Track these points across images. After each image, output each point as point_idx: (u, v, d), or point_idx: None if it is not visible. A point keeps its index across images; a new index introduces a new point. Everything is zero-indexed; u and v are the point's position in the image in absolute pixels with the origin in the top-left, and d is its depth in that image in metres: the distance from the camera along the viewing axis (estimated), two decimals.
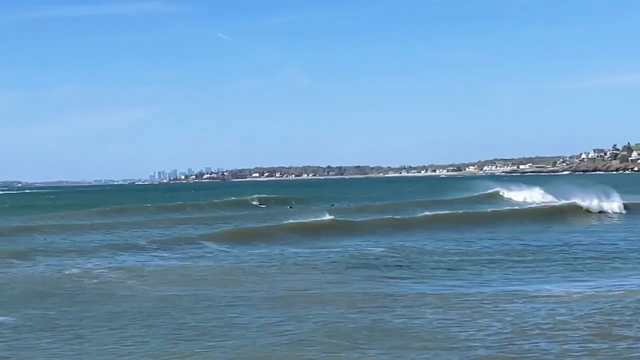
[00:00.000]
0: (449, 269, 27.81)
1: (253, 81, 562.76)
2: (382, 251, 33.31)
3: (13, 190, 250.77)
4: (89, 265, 28.87)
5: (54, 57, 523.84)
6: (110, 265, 29.27)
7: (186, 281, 25.34)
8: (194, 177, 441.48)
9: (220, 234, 41.55)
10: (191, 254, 33.92)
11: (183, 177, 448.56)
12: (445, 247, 34.99)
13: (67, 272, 27.09)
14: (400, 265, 28.73)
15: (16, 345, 16.47)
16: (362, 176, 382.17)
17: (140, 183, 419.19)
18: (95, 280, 25.45)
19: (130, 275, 26.45)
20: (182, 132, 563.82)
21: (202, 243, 37.54)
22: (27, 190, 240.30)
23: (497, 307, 19.30)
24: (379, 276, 26.06)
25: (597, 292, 21.17)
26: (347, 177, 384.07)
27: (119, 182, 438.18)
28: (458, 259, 30.64)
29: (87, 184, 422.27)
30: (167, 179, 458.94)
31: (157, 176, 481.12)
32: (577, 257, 30.06)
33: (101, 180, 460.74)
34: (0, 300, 21.94)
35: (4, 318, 19.08)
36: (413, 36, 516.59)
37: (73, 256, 32.53)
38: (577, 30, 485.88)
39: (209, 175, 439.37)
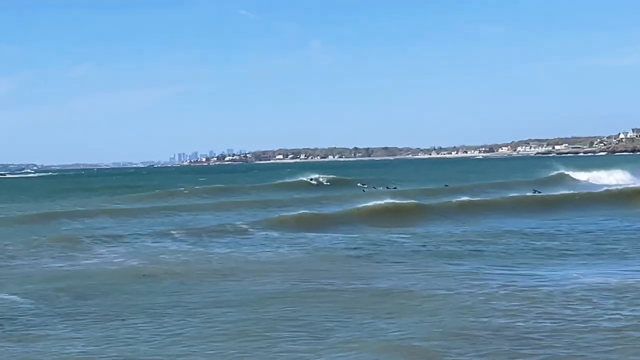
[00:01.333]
0: None
1: (276, 59, 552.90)
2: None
3: (32, 173, 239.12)
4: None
5: (68, 36, 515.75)
6: (224, 250, 27.56)
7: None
8: (215, 159, 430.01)
9: (310, 217, 37.72)
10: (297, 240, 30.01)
11: (204, 159, 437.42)
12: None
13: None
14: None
15: None
16: (392, 157, 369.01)
17: (159, 166, 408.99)
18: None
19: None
20: (203, 113, 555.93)
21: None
22: (49, 173, 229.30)
23: None
24: None
25: None
26: (376, 158, 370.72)
27: (138, 165, 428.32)
28: None
29: (104, 166, 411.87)
30: (188, 161, 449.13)
31: (177, 158, 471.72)
32: None
33: (119, 163, 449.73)
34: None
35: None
36: (444, 10, 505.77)
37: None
38: (615, 3, 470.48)
39: (231, 157, 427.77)
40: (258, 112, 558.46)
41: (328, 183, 71.90)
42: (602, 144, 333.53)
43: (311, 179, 73.51)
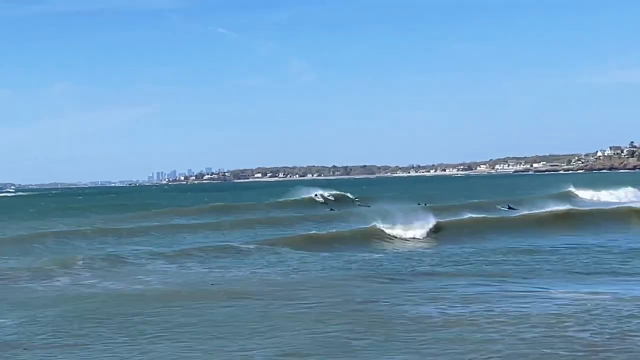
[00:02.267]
0: None
1: (256, 78, 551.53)
2: None
3: (12, 192, 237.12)
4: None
5: (47, 55, 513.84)
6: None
7: None
8: (193, 177, 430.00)
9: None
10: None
11: (183, 177, 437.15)
12: None
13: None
14: None
15: None
16: (373, 176, 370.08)
17: (138, 185, 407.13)
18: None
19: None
20: (181, 132, 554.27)
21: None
22: (27, 192, 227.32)
23: None
24: None
25: None
26: (355, 177, 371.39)
27: (116, 184, 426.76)
28: None
29: (83, 185, 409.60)
30: (166, 179, 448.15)
31: (155, 177, 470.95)
32: None
33: (97, 182, 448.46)
34: None
35: None
36: (422, 30, 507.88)
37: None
38: (594, 24, 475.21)
39: (209, 176, 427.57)
40: (236, 130, 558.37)
41: (332, 198, 72.36)
42: (580, 162, 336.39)
43: (316, 195, 73.45)
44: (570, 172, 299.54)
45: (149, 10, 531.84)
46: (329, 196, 72.91)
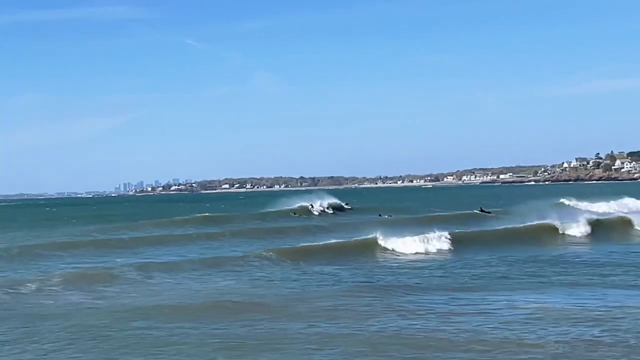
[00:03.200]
0: None
1: (223, 89, 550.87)
2: None
3: None
4: None
5: (13, 65, 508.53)
6: None
7: None
8: (161, 188, 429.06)
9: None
10: None
11: (150, 188, 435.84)
12: None
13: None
14: None
15: None
16: (340, 187, 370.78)
17: (105, 195, 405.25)
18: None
19: None
20: (149, 142, 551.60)
21: None
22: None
23: None
24: None
25: None
26: (323, 187, 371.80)
27: (82, 195, 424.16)
28: None
29: (49, 196, 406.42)
30: (133, 190, 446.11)
31: (122, 188, 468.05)
32: None
33: (64, 193, 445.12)
34: None
35: None
36: (389, 42, 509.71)
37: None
38: (560, 38, 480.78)
39: (177, 187, 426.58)
40: (203, 141, 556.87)
41: (330, 210, 72.61)
42: (547, 173, 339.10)
43: (311, 206, 72.31)
44: (534, 183, 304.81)
45: (117, 20, 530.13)
46: (327, 207, 72.92)
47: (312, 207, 72.33)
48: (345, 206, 77.54)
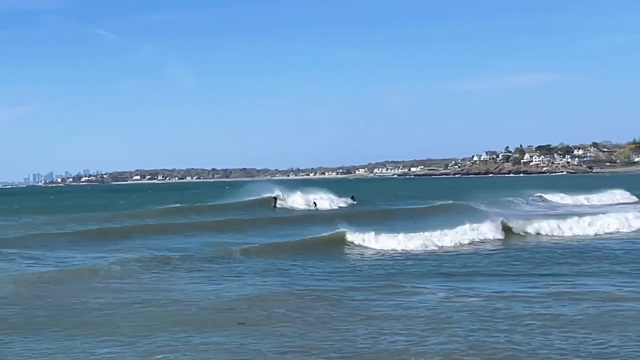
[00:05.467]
0: None
1: (135, 80, 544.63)
2: None
3: None
4: None
5: None
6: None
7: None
8: (71, 179, 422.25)
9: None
10: None
11: (60, 179, 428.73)
12: None
13: None
14: None
15: None
16: (250, 179, 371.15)
17: (14, 187, 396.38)
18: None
19: None
20: (58, 133, 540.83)
21: None
22: None
23: None
24: None
25: None
26: (235, 179, 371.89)
27: None
28: None
29: None
30: (43, 181, 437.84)
31: (31, 179, 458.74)
32: None
33: None
34: None
35: None
36: (301, 37, 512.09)
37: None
38: (471, 32, 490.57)
39: (87, 178, 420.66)
40: (114, 133, 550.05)
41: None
42: (457, 166, 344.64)
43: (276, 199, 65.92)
44: (445, 176, 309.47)
45: (25, 10, 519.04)
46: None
47: (316, 205, 65.54)
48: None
